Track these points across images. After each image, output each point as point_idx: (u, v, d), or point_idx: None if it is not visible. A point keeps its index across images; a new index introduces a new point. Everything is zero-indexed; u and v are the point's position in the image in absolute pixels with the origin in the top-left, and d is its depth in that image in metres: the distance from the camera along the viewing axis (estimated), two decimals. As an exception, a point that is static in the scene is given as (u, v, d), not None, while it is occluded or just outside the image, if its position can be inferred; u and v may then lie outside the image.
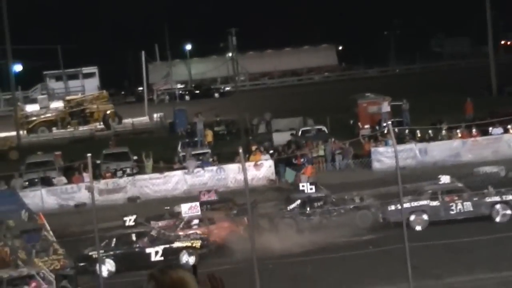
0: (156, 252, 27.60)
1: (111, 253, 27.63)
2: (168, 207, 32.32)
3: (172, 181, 38.56)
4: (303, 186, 31.08)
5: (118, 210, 34.60)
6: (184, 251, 27.52)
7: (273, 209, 30.52)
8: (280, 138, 45.25)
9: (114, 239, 28.02)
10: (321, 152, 40.18)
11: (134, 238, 28.05)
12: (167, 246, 27.64)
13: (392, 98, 48.49)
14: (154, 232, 28.39)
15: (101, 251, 27.10)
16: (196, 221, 29.36)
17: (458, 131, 40.78)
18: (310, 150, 40.00)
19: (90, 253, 27.27)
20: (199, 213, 28.94)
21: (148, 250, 27.61)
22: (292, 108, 58.18)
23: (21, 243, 27.95)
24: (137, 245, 27.85)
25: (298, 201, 30.57)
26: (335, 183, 35.52)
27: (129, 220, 28.12)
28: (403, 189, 28.29)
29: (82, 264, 27.00)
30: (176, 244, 27.77)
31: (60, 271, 22.53)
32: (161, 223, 30.24)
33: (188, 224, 29.19)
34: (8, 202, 30.94)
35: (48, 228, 28.91)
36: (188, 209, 28.83)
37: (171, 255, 27.46)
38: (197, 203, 29.14)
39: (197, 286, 3.27)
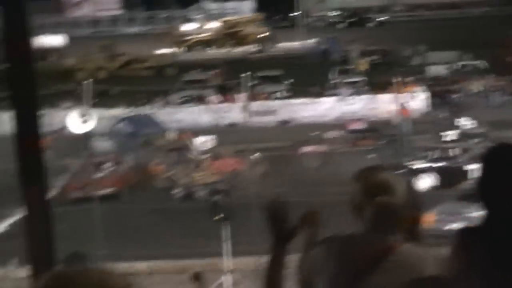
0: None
1: (433, 166, 27.93)
2: (316, 133, 32.31)
3: (323, 108, 38.53)
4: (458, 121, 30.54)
5: (268, 132, 35.05)
6: None
7: (430, 141, 29.93)
8: (435, 71, 44.33)
9: (437, 153, 28.37)
10: (481, 88, 39.13)
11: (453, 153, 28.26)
12: None
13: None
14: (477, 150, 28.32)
15: (424, 164, 27.67)
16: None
17: None
18: (466, 85, 39.07)
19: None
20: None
21: (465, 167, 27.28)
22: (450, 42, 56.65)
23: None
24: (458, 161, 27.91)
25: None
26: (492, 119, 34.59)
27: (449, 135, 28.18)
28: None
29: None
30: None
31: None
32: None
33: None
34: (149, 124, 31.86)
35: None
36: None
37: None
38: None
39: (405, 191, 3.07)
